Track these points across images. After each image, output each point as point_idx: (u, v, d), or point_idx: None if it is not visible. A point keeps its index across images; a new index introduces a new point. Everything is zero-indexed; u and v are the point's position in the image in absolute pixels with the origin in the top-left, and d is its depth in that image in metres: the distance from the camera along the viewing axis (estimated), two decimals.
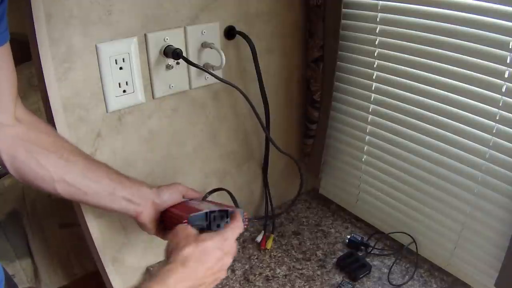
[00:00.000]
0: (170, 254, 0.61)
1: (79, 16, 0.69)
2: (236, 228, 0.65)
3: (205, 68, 0.82)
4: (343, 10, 0.89)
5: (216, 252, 0.61)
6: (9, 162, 0.61)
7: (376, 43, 0.87)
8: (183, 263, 0.58)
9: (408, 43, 0.81)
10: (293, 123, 1.09)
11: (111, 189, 0.68)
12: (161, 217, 0.74)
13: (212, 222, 0.67)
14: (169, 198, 0.73)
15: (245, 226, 0.68)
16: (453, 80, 0.77)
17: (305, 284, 0.90)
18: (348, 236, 1.00)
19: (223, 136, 0.97)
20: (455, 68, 0.75)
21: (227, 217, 0.68)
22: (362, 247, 0.97)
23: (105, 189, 0.68)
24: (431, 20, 0.76)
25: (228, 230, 0.64)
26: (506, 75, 0.69)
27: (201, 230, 0.65)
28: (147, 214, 0.72)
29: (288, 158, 1.11)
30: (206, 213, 0.67)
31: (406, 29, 0.81)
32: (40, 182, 0.63)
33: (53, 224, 1.50)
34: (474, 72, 0.73)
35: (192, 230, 0.63)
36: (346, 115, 1.00)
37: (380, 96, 0.91)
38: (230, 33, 0.87)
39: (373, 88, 0.92)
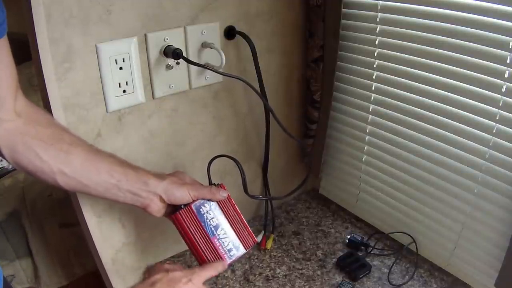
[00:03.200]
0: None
1: (79, 16, 0.69)
2: (208, 270, 0.67)
3: (206, 66, 0.81)
4: (343, 10, 0.89)
5: (183, 279, 0.64)
6: (8, 155, 0.61)
7: (376, 43, 0.87)
8: (151, 284, 0.62)
9: (408, 43, 0.81)
10: (293, 123, 1.09)
11: (115, 182, 0.66)
12: (172, 209, 0.73)
13: None
14: (178, 198, 0.70)
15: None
16: (453, 80, 0.77)
17: (305, 284, 0.90)
18: (348, 236, 1.00)
19: (223, 136, 0.97)
20: (455, 68, 0.75)
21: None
22: (362, 247, 0.97)
23: (108, 181, 0.66)
24: (431, 20, 0.76)
25: (200, 269, 0.67)
26: (506, 75, 0.69)
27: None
28: (155, 207, 0.70)
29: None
30: None
31: (406, 29, 0.81)
32: (40, 174, 0.63)
33: (53, 224, 1.50)
34: (474, 72, 0.73)
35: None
36: (346, 115, 1.00)
37: (380, 96, 0.91)
38: (230, 33, 0.87)
39: (373, 88, 0.92)
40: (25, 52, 0.74)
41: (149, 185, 0.68)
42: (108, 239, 0.87)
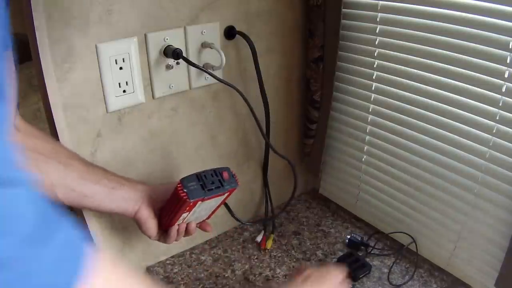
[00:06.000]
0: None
1: (79, 16, 0.69)
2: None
3: (204, 69, 0.82)
4: (343, 10, 0.89)
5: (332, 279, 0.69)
6: None
7: (376, 43, 0.87)
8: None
9: (408, 43, 0.81)
10: (293, 123, 1.09)
11: (110, 189, 0.69)
12: (159, 215, 0.74)
13: (205, 181, 0.70)
14: (165, 193, 0.73)
15: (238, 183, 0.73)
16: (453, 80, 0.77)
17: None
18: (348, 236, 1.00)
19: (223, 136, 0.97)
20: (455, 68, 0.75)
21: (217, 175, 0.71)
22: (362, 247, 0.97)
23: (104, 189, 0.68)
24: (431, 20, 0.76)
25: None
26: (506, 75, 0.69)
27: (201, 188, 0.69)
28: (144, 210, 0.72)
29: (289, 158, 1.11)
30: (196, 174, 0.70)
31: (406, 29, 0.81)
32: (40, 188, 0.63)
33: None
34: (474, 72, 0.73)
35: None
36: (346, 115, 1.00)
37: (380, 96, 0.91)
38: (230, 33, 0.87)
39: (373, 88, 0.92)
40: (25, 52, 0.73)
41: (139, 189, 0.72)
42: (108, 239, 0.87)
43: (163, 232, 0.76)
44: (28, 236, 0.26)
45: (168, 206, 0.72)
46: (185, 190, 0.67)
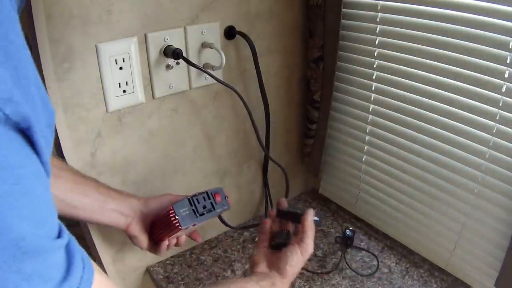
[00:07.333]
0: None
1: (79, 16, 0.69)
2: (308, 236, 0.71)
3: (204, 69, 0.82)
4: (343, 10, 0.89)
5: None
6: None
7: (376, 43, 0.87)
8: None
9: (408, 43, 0.81)
10: (293, 123, 1.09)
11: (101, 202, 0.69)
12: (150, 228, 0.74)
13: (197, 205, 0.71)
14: (157, 207, 0.74)
15: (230, 205, 0.74)
16: (453, 80, 0.77)
17: (305, 284, 0.90)
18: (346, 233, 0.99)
19: (223, 136, 0.97)
20: (455, 68, 0.75)
21: (209, 198, 0.72)
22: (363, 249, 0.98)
23: (95, 202, 0.68)
24: (431, 20, 0.76)
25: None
26: (506, 75, 0.69)
27: (193, 212, 0.70)
28: (136, 225, 0.73)
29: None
30: (188, 199, 0.70)
31: (406, 29, 0.81)
32: None
33: None
34: (474, 72, 0.73)
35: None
36: (346, 115, 1.00)
37: (380, 96, 0.91)
38: (230, 33, 0.87)
39: (373, 88, 0.92)
40: None
41: (131, 203, 0.72)
42: (108, 239, 0.87)
43: (154, 244, 0.76)
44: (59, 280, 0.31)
45: (159, 226, 0.72)
46: (177, 217, 0.67)
